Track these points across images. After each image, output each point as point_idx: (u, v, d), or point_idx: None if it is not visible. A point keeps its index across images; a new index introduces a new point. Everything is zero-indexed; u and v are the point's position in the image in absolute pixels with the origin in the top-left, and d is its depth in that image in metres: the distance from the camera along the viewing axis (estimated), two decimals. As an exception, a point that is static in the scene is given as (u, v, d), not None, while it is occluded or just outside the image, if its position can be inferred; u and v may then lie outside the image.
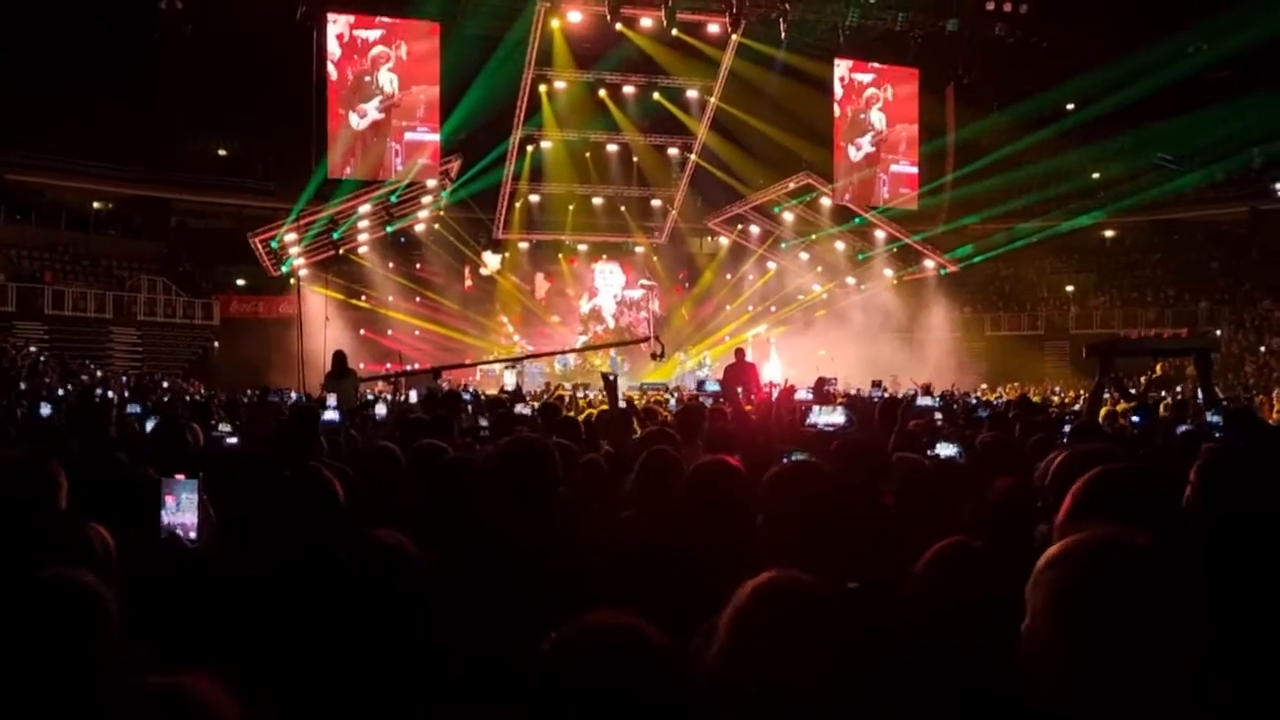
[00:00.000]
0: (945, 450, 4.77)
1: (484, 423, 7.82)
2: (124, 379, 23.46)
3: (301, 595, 2.41)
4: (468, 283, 34.98)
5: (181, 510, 2.80)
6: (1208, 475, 3.00)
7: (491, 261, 35.00)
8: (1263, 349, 30.49)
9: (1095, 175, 36.57)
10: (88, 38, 31.46)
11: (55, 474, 3.12)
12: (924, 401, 8.17)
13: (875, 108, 31.67)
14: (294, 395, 15.69)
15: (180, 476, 2.83)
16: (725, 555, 2.77)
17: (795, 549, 2.58)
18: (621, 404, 6.90)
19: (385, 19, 27.44)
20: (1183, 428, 7.07)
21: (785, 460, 4.13)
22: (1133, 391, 13.39)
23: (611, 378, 6.24)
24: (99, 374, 22.40)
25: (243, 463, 4.07)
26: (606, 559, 3.18)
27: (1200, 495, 2.98)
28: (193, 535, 2.77)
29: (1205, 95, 33.28)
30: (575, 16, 28.33)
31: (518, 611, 2.50)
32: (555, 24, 28.78)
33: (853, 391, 18.01)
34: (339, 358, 11.73)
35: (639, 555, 3.11)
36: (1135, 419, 7.53)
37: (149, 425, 7.00)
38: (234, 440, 5.89)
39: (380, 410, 8.63)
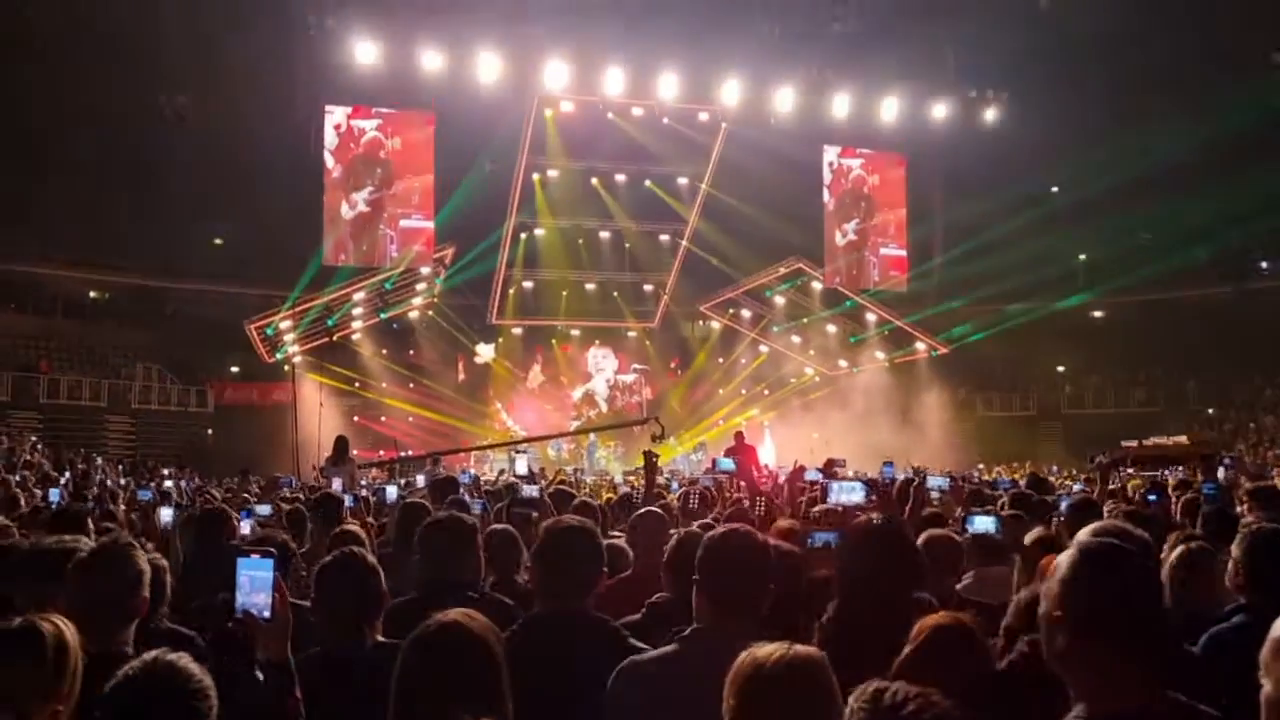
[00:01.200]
0: (983, 525, 4.77)
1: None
2: (120, 467, 23.37)
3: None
4: (460, 376, 34.96)
5: (255, 590, 2.83)
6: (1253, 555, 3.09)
7: (485, 352, 35.16)
8: (1252, 425, 30.63)
9: (1082, 257, 37.05)
10: (86, 129, 31.90)
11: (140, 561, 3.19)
12: (934, 481, 8.20)
13: (864, 192, 32.19)
14: (292, 481, 15.62)
15: (254, 555, 2.86)
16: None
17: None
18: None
19: (382, 110, 27.92)
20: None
21: (810, 543, 4.16)
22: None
23: (655, 458, 6.23)
24: (98, 461, 22.28)
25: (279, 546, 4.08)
26: None
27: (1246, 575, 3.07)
28: (266, 614, 2.79)
29: (1188, 177, 33.96)
30: (568, 107, 28.89)
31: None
32: (548, 114, 29.33)
33: (853, 474, 18.03)
34: (340, 443, 11.74)
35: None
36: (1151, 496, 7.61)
37: (164, 512, 7.00)
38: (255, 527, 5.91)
39: (391, 492, 8.62)
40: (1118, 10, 25.08)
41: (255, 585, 2.79)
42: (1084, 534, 3.12)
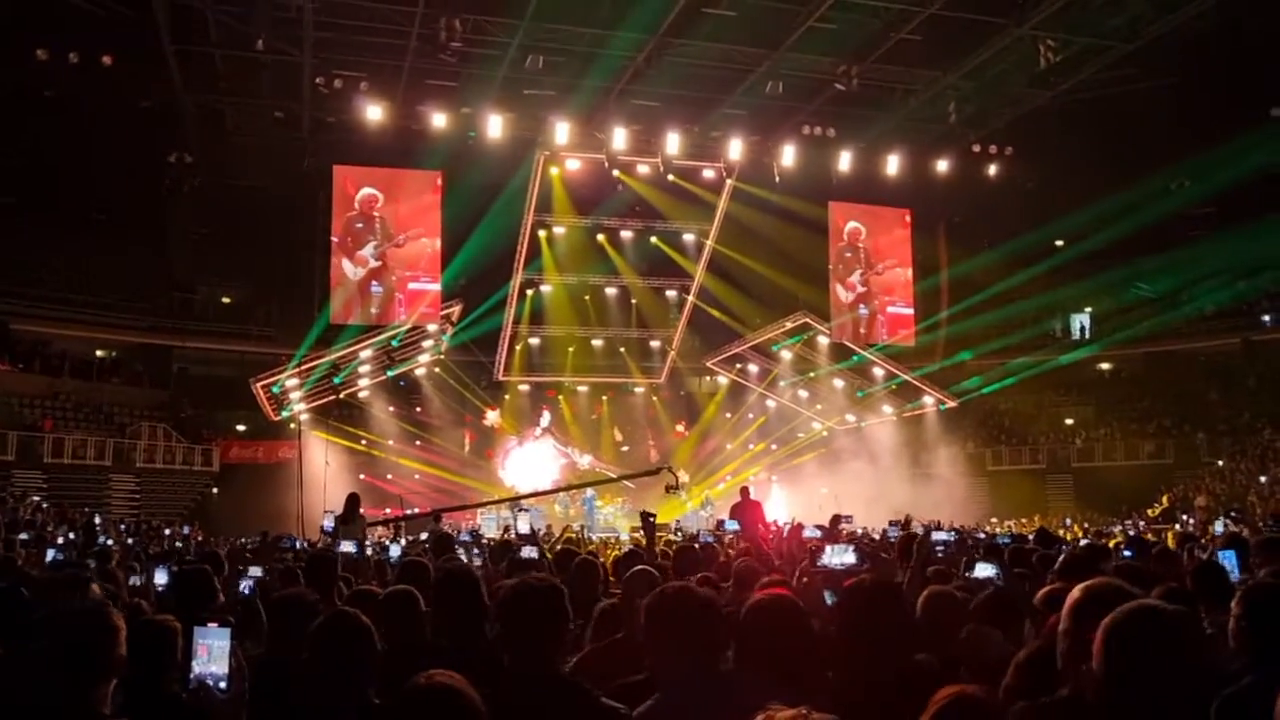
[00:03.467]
0: (984, 571, 4.70)
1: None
2: (122, 527, 23.27)
3: None
4: (466, 447, 34.73)
5: (213, 660, 2.76)
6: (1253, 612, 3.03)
7: (491, 417, 35.16)
8: (1263, 479, 30.37)
9: (1089, 309, 37.07)
10: (94, 188, 32.28)
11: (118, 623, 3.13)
12: (938, 536, 8.11)
13: (869, 250, 32.30)
14: (297, 542, 15.50)
15: (213, 625, 2.80)
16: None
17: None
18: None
19: (390, 169, 28.17)
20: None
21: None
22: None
23: (652, 518, 6.18)
24: (97, 521, 22.16)
25: (271, 607, 4.02)
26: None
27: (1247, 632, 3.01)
28: (223, 685, 2.72)
29: (1189, 230, 34.11)
30: (574, 164, 29.13)
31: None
32: (555, 172, 29.57)
33: (861, 530, 17.89)
34: (352, 500, 11.65)
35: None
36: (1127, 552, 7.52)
37: (157, 573, 6.92)
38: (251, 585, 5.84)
39: (395, 551, 8.54)
40: (1119, 66, 25.27)
41: (213, 655, 2.73)
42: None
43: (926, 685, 2.80)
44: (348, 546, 7.41)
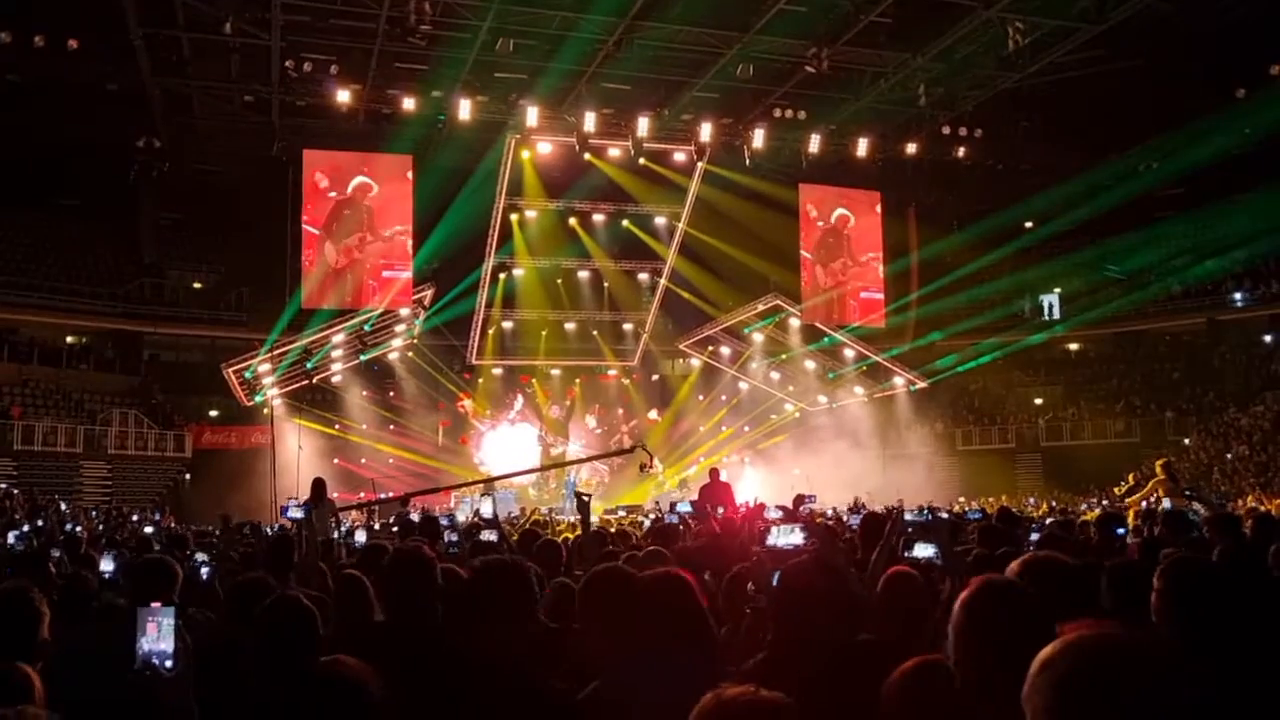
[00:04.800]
0: (923, 551, 4.81)
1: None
2: (94, 514, 23.20)
3: None
4: (439, 434, 34.54)
5: (160, 638, 2.80)
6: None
7: (466, 405, 35.10)
8: (1229, 456, 30.83)
9: (1057, 290, 37.40)
10: (62, 174, 32.00)
11: (39, 603, 3.19)
12: (906, 517, 8.22)
13: (840, 233, 32.46)
14: (268, 528, 15.54)
15: (157, 604, 2.84)
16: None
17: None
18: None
19: (360, 154, 28.09)
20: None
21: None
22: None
23: (586, 498, 6.26)
24: (64, 508, 22.10)
25: (224, 591, 4.10)
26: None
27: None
28: (169, 664, 2.76)
29: (1157, 211, 34.46)
30: (545, 148, 29.08)
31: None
32: (525, 155, 29.51)
33: (829, 510, 18.10)
34: (318, 485, 11.69)
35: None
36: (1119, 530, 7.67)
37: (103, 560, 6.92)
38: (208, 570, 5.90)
39: (360, 537, 8.60)
40: (1087, 48, 25.43)
41: (160, 634, 2.78)
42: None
43: (868, 665, 2.84)
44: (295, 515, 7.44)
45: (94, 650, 3.20)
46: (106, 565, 6.58)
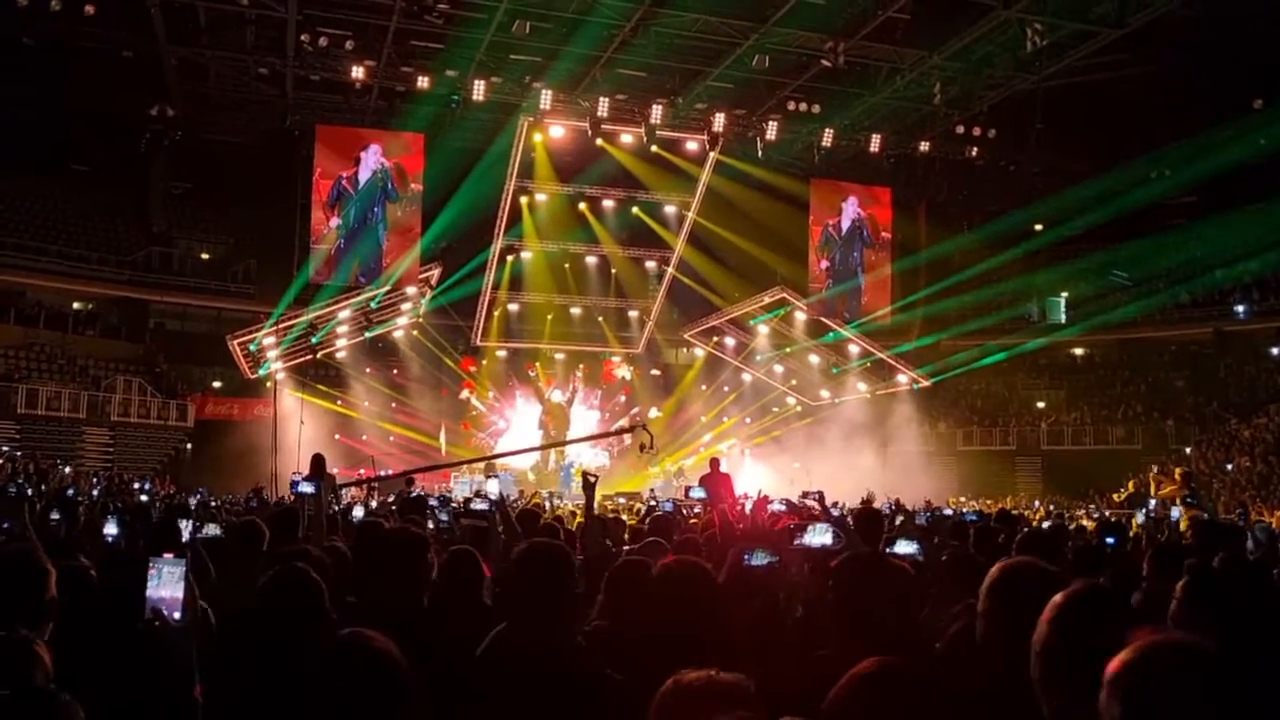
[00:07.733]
0: (904, 547, 4.85)
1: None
2: (94, 479, 23.28)
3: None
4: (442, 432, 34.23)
5: (166, 584, 2.79)
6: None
7: (465, 395, 34.86)
8: (1230, 467, 30.81)
9: (1064, 294, 37.32)
10: (73, 140, 31.98)
11: (44, 561, 3.21)
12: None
13: (850, 228, 32.39)
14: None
15: (168, 555, 2.84)
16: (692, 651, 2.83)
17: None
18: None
19: (372, 130, 28.07)
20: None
21: (746, 560, 4.15)
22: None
23: (593, 479, 6.26)
24: (67, 471, 22.17)
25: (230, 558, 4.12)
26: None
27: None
28: (177, 615, 2.76)
29: (1168, 219, 34.37)
30: (557, 132, 29.02)
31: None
32: (538, 138, 29.46)
33: (842, 504, 18.08)
34: (317, 460, 11.71)
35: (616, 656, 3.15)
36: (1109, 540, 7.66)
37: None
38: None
39: (358, 513, 8.63)
40: (1105, 52, 25.32)
41: (167, 581, 2.78)
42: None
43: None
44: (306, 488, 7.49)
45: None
46: (110, 529, 6.62)
